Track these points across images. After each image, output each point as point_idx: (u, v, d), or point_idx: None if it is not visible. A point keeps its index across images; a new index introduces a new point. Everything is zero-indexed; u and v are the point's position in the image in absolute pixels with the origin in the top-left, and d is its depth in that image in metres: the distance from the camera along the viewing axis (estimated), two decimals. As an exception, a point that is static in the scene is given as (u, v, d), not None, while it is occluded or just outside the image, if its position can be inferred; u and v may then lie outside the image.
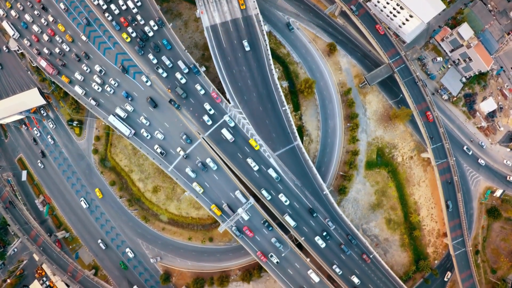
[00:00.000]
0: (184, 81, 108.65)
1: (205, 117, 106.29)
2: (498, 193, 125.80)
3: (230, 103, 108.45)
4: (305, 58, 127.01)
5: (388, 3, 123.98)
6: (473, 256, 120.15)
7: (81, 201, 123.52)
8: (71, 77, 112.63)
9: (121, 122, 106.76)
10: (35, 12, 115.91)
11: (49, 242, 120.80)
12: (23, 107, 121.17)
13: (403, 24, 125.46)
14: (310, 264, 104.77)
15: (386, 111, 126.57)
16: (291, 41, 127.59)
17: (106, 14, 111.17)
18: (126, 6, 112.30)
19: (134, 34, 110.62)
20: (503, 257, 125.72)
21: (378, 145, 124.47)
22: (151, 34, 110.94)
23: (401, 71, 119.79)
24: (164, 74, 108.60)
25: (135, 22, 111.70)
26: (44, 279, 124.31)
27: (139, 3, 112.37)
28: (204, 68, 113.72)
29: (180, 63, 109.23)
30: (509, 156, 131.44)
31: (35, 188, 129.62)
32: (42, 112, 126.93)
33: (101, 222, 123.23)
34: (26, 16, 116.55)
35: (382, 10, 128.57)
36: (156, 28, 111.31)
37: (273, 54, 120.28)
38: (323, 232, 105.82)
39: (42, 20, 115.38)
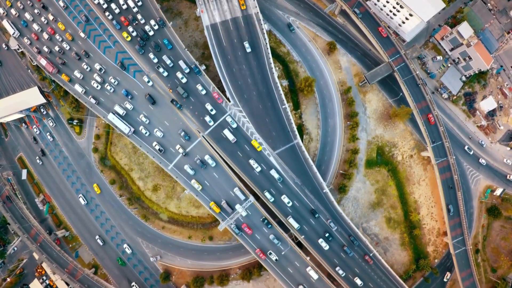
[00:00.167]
0: (185, 80, 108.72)
1: (206, 117, 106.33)
2: (498, 192, 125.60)
3: (230, 102, 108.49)
4: (305, 57, 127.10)
5: (388, 1, 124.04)
6: (473, 255, 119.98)
7: (79, 197, 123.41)
8: (71, 76, 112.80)
9: (120, 120, 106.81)
10: (35, 11, 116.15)
11: (49, 241, 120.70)
12: (23, 105, 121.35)
13: (403, 22, 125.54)
14: (310, 262, 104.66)
15: (386, 109, 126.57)
16: (291, 40, 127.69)
17: (107, 13, 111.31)
18: (126, 5, 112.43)
19: (135, 33, 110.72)
20: (503, 256, 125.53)
21: (378, 144, 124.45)
22: (151, 33, 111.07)
23: (401, 69, 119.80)
24: (165, 73, 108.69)
25: (136, 22, 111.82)
26: (44, 278, 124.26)
27: (139, 3, 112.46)
28: (204, 67, 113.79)
29: (181, 62, 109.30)
30: (509, 155, 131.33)
31: (35, 187, 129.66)
32: (42, 111, 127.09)
33: (101, 220, 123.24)
34: (26, 14, 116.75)
35: (381, 9, 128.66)
36: (156, 27, 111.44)
37: (273, 53, 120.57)
38: (325, 233, 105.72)
39: (42, 19, 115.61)
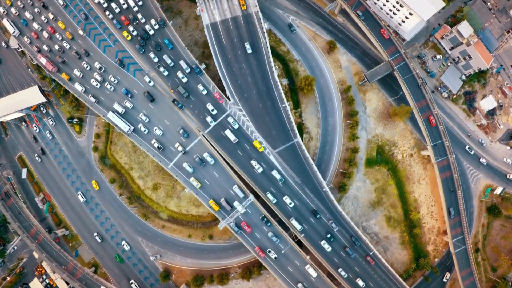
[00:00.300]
0: (185, 80, 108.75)
1: (208, 118, 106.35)
2: (498, 191, 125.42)
3: (230, 101, 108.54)
4: (305, 56, 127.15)
5: (387, 0, 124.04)
6: (473, 254, 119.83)
7: (78, 194, 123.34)
8: (71, 75, 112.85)
9: (120, 118, 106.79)
10: (36, 10, 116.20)
11: (48, 240, 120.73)
12: (24, 104, 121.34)
13: (403, 21, 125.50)
14: (311, 261, 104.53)
15: (386, 108, 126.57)
16: (291, 39, 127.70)
17: (107, 13, 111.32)
18: (127, 4, 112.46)
19: (135, 33, 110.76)
20: (503, 255, 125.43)
21: (378, 143, 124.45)
22: (152, 33, 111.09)
23: (401, 68, 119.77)
24: (166, 73, 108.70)
25: (136, 21, 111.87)
26: (44, 277, 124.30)
27: (140, 2, 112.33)
28: (204, 66, 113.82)
29: (182, 62, 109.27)
30: (509, 154, 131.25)
31: (35, 186, 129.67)
32: (42, 110, 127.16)
33: (101, 219, 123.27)
34: (26, 13, 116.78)
35: (381, 8, 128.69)
36: (157, 27, 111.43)
37: (273, 52, 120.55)
38: (327, 234, 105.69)
39: (42, 18, 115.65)
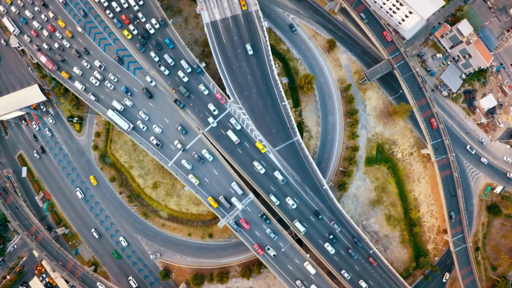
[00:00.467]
0: (186, 79, 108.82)
1: (210, 118, 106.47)
2: (498, 189, 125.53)
3: (230, 99, 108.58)
4: (305, 54, 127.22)
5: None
6: (473, 253, 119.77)
7: (76, 191, 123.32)
8: (71, 73, 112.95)
9: (120, 116, 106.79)
10: (36, 8, 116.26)
11: (48, 239, 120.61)
12: (24, 103, 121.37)
13: (403, 20, 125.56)
14: (311, 260, 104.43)
15: (386, 107, 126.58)
16: (291, 37, 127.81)
17: (107, 11, 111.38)
18: (127, 3, 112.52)
19: (136, 32, 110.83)
20: (504, 254, 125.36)
21: (378, 141, 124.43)
22: (152, 32, 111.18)
23: (400, 67, 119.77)
24: (166, 72, 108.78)
25: (137, 20, 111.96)
26: (44, 275, 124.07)
27: (140, 2, 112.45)
28: (204, 64, 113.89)
29: (183, 62, 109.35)
30: (509, 152, 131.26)
31: (35, 184, 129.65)
32: (43, 108, 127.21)
33: (101, 218, 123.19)
34: (26, 12, 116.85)
35: (381, 6, 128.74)
36: (158, 26, 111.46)
37: (273, 51, 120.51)
38: (329, 235, 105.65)
39: (42, 16, 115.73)
